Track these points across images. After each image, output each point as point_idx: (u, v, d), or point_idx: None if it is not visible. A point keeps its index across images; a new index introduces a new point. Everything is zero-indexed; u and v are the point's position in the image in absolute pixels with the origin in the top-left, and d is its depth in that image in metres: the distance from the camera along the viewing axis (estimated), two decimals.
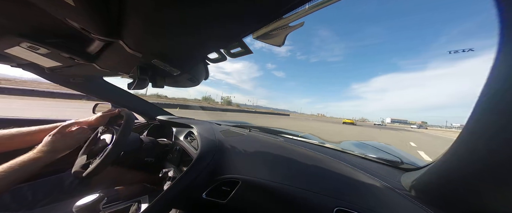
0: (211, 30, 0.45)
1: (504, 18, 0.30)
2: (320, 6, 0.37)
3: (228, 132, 1.05)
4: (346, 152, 0.89)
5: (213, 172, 0.68)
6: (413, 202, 0.49)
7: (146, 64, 0.68)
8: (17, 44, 0.56)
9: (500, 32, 0.31)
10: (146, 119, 1.56)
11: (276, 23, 0.43)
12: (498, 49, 0.31)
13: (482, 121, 0.35)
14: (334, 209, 0.48)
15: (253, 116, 27.66)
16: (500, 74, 0.32)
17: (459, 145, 0.40)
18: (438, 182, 0.46)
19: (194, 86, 1.01)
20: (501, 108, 0.31)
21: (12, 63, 0.90)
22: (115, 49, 0.56)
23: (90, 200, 0.56)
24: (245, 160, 0.73)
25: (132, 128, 0.88)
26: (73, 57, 0.66)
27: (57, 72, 0.96)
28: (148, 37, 0.49)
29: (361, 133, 12.87)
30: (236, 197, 0.59)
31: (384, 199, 0.51)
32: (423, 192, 0.50)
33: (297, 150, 0.83)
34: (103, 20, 0.42)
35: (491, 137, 0.33)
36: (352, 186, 0.57)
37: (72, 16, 0.41)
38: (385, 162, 0.78)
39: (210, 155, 0.72)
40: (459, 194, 0.41)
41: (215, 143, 0.80)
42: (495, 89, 0.32)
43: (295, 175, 0.63)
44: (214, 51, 0.61)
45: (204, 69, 0.83)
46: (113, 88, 1.33)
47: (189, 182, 0.63)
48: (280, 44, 0.50)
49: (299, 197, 0.53)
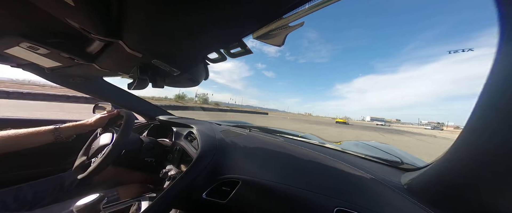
0: (211, 31, 0.45)
1: (504, 18, 0.30)
2: (320, 6, 0.37)
3: (228, 132, 1.05)
4: (346, 152, 0.89)
5: (213, 172, 0.68)
6: (413, 202, 0.49)
7: (146, 64, 0.68)
8: (17, 44, 0.56)
9: (500, 32, 0.31)
10: (146, 119, 1.56)
11: (276, 23, 0.43)
12: (498, 49, 0.31)
13: (482, 121, 0.35)
14: (334, 209, 0.48)
15: (221, 114, 27.15)
16: (500, 74, 0.32)
17: (459, 145, 0.40)
18: (438, 182, 0.46)
19: (194, 86, 1.01)
20: (501, 108, 0.31)
21: (12, 63, 0.90)
22: (115, 49, 0.56)
23: (90, 200, 0.56)
24: (245, 160, 0.73)
25: (132, 128, 0.88)
26: (73, 57, 0.66)
27: (57, 72, 0.96)
28: (148, 37, 0.49)
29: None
30: (236, 197, 0.59)
31: (384, 199, 0.51)
32: (423, 192, 0.50)
33: (297, 150, 0.83)
34: (103, 20, 0.42)
35: (491, 137, 0.33)
36: (352, 186, 0.57)
37: (72, 16, 0.41)
38: (385, 162, 0.78)
39: (210, 155, 0.72)
40: (459, 194, 0.41)
41: (215, 143, 0.80)
42: (495, 89, 0.33)
43: (295, 175, 0.63)
44: (214, 51, 0.61)
45: (204, 69, 0.83)
46: (113, 88, 1.33)
47: (189, 182, 0.63)
48: (280, 44, 0.50)
49: (299, 197, 0.53)
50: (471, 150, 0.37)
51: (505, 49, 0.31)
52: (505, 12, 0.30)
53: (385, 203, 0.50)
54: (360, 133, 13.82)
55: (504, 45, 0.31)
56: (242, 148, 0.83)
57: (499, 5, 0.30)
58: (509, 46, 0.30)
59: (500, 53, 0.31)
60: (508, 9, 0.29)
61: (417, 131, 38.05)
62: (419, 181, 0.53)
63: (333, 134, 10.68)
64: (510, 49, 0.30)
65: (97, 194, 0.58)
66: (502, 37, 0.30)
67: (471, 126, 0.36)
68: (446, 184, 0.44)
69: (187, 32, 0.46)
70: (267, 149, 0.84)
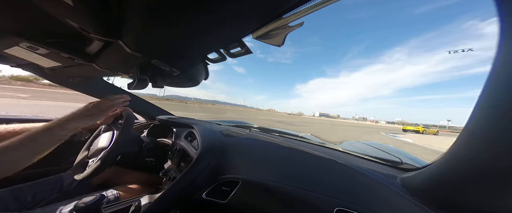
0: (211, 31, 0.45)
1: (504, 18, 0.30)
2: (319, 6, 0.37)
3: (228, 132, 1.05)
4: (346, 152, 0.89)
5: (213, 172, 0.68)
6: (413, 202, 0.49)
7: (146, 64, 0.67)
8: (16, 44, 0.56)
9: (500, 32, 0.30)
10: (146, 119, 1.56)
11: (275, 23, 0.42)
12: (498, 49, 0.31)
13: (482, 122, 0.35)
14: (334, 209, 0.48)
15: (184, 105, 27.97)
16: (500, 74, 0.32)
17: (459, 145, 0.40)
18: (438, 182, 0.46)
19: (193, 86, 1.01)
20: (501, 108, 0.31)
21: (11, 63, 0.90)
22: (115, 49, 0.56)
23: (90, 200, 0.56)
24: (245, 160, 0.73)
25: (132, 128, 0.88)
26: (72, 57, 0.65)
27: (57, 72, 0.96)
28: (147, 37, 0.49)
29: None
30: (236, 197, 0.59)
31: (384, 199, 0.51)
32: (423, 192, 0.50)
33: (297, 150, 0.83)
34: (102, 20, 0.42)
35: (490, 137, 0.33)
36: (352, 186, 0.57)
37: (71, 16, 0.41)
38: (385, 162, 0.78)
39: (210, 155, 0.72)
40: (459, 194, 0.41)
41: (215, 143, 0.80)
42: (495, 89, 0.32)
43: (295, 175, 0.63)
44: (214, 51, 0.60)
45: (204, 69, 0.83)
46: (113, 88, 1.33)
47: (189, 182, 0.63)
48: (280, 44, 0.50)
49: (299, 197, 0.53)
50: (471, 150, 0.37)
51: (505, 49, 0.31)
52: (505, 12, 0.30)
53: (385, 203, 0.50)
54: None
55: (504, 45, 0.31)
56: (242, 148, 0.83)
57: (499, 4, 0.30)
58: (509, 46, 0.30)
59: (500, 53, 0.31)
60: (508, 9, 0.29)
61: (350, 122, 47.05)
62: (419, 181, 0.53)
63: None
64: (510, 49, 0.30)
65: (97, 194, 0.58)
66: (502, 37, 0.30)
67: (471, 126, 0.36)
68: (446, 184, 0.44)
69: (187, 32, 0.45)
70: (267, 149, 0.84)
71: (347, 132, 14.73)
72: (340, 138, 9.95)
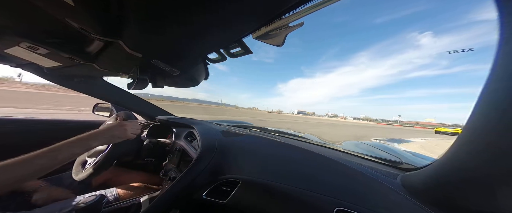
0: (211, 31, 0.45)
1: (504, 18, 0.30)
2: (320, 6, 0.37)
3: (228, 132, 1.04)
4: (346, 152, 0.89)
5: (213, 172, 0.68)
6: (413, 202, 0.48)
7: (146, 64, 0.68)
8: (17, 44, 0.56)
9: (500, 32, 0.30)
10: (146, 119, 1.56)
11: (276, 23, 0.43)
12: (498, 49, 0.31)
13: (482, 121, 0.35)
14: (334, 209, 0.47)
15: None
16: (499, 74, 0.32)
17: (459, 145, 0.39)
18: (438, 182, 0.46)
19: (193, 86, 1.01)
20: (501, 108, 0.31)
21: (12, 63, 0.90)
22: (115, 49, 0.56)
23: (90, 200, 0.56)
24: (245, 160, 0.73)
25: None
26: (72, 57, 0.65)
27: (57, 72, 0.96)
28: (147, 37, 0.49)
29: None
30: (236, 197, 0.59)
31: (384, 199, 0.51)
32: (423, 192, 0.50)
33: (297, 150, 0.82)
34: (102, 20, 0.42)
35: (490, 137, 0.33)
36: (352, 186, 0.57)
37: (71, 16, 0.41)
38: (385, 162, 0.78)
39: (210, 155, 0.72)
40: (459, 194, 0.41)
41: (215, 143, 0.80)
42: (495, 89, 0.32)
43: (295, 175, 0.63)
44: (214, 51, 0.61)
45: (204, 69, 0.83)
46: (113, 88, 1.33)
47: (189, 182, 0.63)
48: (280, 44, 0.50)
49: (299, 197, 0.53)
50: (471, 150, 0.37)
51: (505, 49, 0.31)
52: (505, 12, 0.30)
53: (385, 203, 0.50)
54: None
55: (504, 45, 0.31)
56: (242, 148, 0.83)
57: (499, 4, 0.30)
58: (509, 46, 0.30)
59: (500, 53, 0.31)
60: (508, 9, 0.29)
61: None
62: (419, 181, 0.52)
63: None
64: (510, 49, 0.30)
65: (97, 194, 0.58)
66: (502, 37, 0.30)
67: (471, 126, 0.36)
68: (446, 184, 0.44)
69: (187, 32, 0.46)
70: (267, 149, 0.83)
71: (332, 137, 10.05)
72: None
